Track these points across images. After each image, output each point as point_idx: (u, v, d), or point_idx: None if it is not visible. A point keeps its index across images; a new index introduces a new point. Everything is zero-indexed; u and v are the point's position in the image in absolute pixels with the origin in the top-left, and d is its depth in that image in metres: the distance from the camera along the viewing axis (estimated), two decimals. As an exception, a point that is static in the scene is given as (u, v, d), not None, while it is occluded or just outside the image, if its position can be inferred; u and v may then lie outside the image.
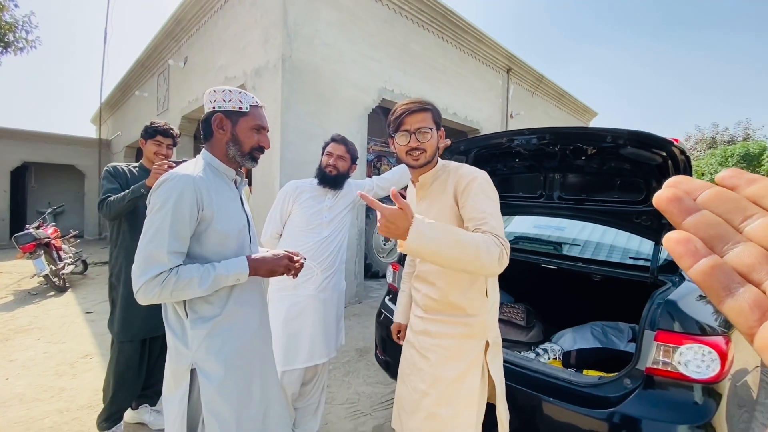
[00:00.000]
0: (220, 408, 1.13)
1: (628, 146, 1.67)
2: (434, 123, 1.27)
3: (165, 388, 1.19)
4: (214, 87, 1.21)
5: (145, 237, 1.07)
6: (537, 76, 8.35)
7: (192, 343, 1.12)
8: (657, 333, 1.35)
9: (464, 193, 1.22)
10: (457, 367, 1.27)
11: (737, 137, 19.23)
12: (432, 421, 1.28)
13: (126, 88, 9.31)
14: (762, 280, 0.21)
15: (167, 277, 1.04)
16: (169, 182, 1.09)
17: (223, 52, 4.99)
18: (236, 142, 1.21)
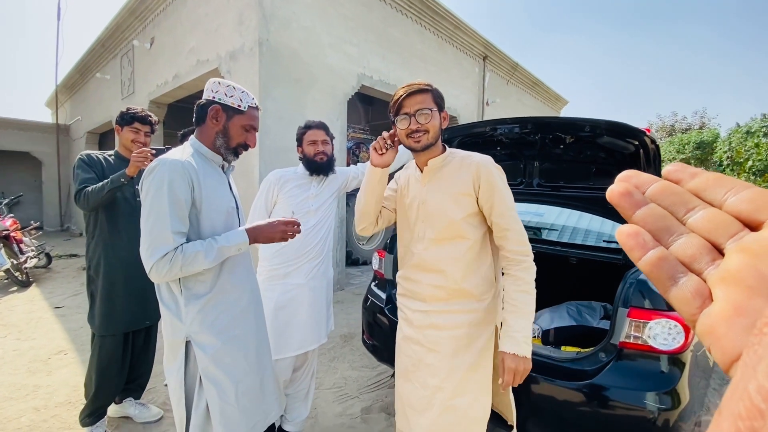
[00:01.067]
0: (217, 376, 1.22)
1: (605, 135, 1.76)
2: (435, 104, 1.24)
3: (165, 361, 1.29)
4: (219, 79, 1.28)
5: (148, 221, 1.14)
6: (512, 64, 8.48)
7: (186, 318, 1.20)
8: (630, 310, 1.47)
9: (484, 184, 1.23)
10: (470, 355, 1.27)
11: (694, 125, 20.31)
12: (449, 413, 1.26)
13: (85, 70, 8.73)
14: (703, 269, 0.22)
15: (174, 256, 1.12)
16: (160, 167, 1.14)
17: (193, 33, 4.77)
18: (225, 135, 1.27)
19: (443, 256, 1.28)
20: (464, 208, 1.25)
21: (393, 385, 2.57)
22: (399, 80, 5.59)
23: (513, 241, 1.22)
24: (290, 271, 1.82)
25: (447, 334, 1.28)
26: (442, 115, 1.27)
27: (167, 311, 1.23)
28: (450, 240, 1.27)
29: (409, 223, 1.37)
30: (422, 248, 1.32)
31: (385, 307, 2.22)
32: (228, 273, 1.28)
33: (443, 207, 1.27)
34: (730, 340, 0.19)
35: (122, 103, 7.06)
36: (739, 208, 0.21)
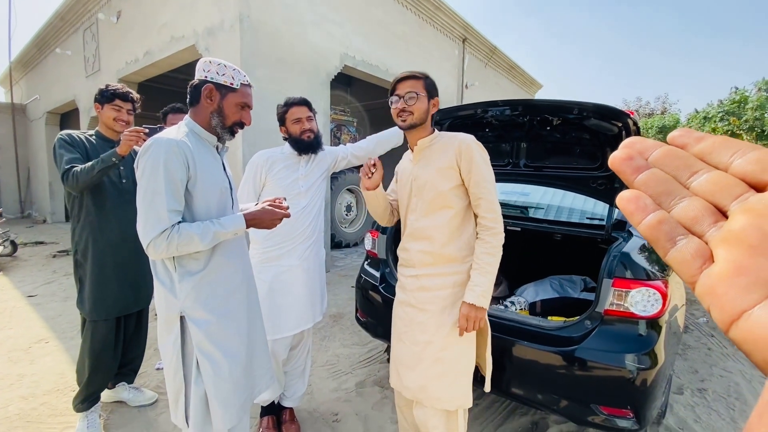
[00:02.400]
0: (211, 351, 1.25)
1: (592, 118, 1.85)
2: (425, 90, 1.41)
3: (159, 336, 1.30)
4: (211, 58, 1.27)
5: (145, 199, 1.15)
6: (490, 47, 8.53)
7: (180, 294, 1.23)
8: (614, 280, 1.59)
9: (464, 158, 1.39)
10: (455, 313, 1.42)
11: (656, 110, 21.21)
12: (438, 365, 1.42)
13: (43, 45, 8.11)
14: (704, 231, 0.21)
15: (170, 234, 1.14)
16: (155, 146, 1.15)
17: (166, 7, 4.52)
18: (221, 114, 1.28)
19: (431, 224, 1.45)
20: (449, 181, 1.41)
21: (385, 360, 2.67)
22: (381, 61, 5.53)
23: (484, 208, 1.39)
24: (283, 252, 1.82)
25: (434, 295, 1.45)
26: (432, 102, 1.44)
27: (161, 286, 1.25)
28: (438, 210, 1.44)
29: (405, 199, 1.54)
30: (414, 219, 1.50)
31: (379, 285, 2.27)
32: (221, 251, 1.31)
33: (431, 180, 1.43)
34: (730, 299, 0.19)
35: (87, 81, 6.65)
36: (746, 169, 0.21)
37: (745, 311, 0.18)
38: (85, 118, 6.91)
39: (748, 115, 10.52)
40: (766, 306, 0.18)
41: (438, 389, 1.43)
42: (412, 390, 1.48)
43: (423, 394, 1.45)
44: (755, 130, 10.42)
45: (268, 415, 1.98)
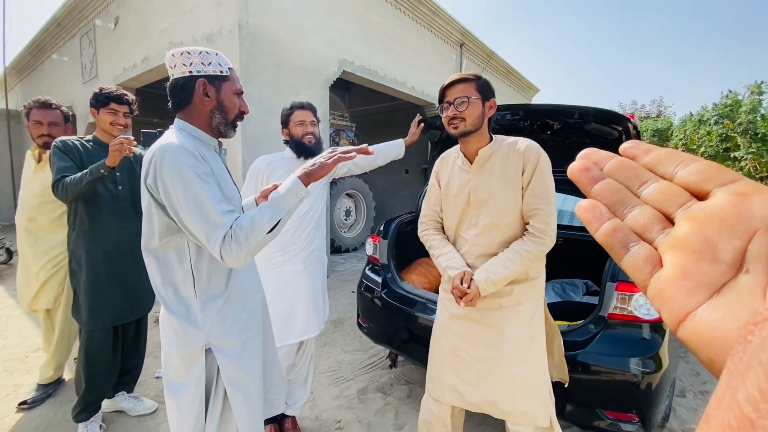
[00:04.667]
0: (242, 380, 1.15)
1: (592, 122, 1.86)
2: (478, 93, 1.30)
3: (173, 376, 1.13)
4: (187, 48, 1.09)
5: (192, 214, 1.00)
6: (488, 52, 8.59)
7: (204, 323, 1.10)
8: (617, 284, 1.59)
9: (528, 166, 1.30)
10: (528, 327, 1.36)
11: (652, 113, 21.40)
12: (508, 381, 1.34)
13: (39, 51, 8.09)
14: (654, 238, 0.23)
15: (233, 233, 1.00)
16: (169, 155, 1.01)
17: (165, 13, 4.52)
18: (222, 109, 1.13)
19: (497, 240, 1.35)
20: (515, 193, 1.31)
21: (387, 366, 2.66)
22: (380, 66, 5.55)
23: (538, 219, 1.29)
24: (287, 258, 1.81)
25: (506, 311, 1.35)
26: (488, 104, 1.32)
27: (174, 318, 1.09)
28: (505, 224, 1.34)
29: (458, 211, 1.43)
30: (476, 234, 1.38)
31: (381, 290, 2.27)
32: (245, 267, 1.18)
33: (496, 193, 1.33)
34: (677, 301, 0.20)
35: (84, 87, 6.63)
36: (688, 179, 0.23)
37: (690, 312, 0.19)
38: (82, 124, 6.88)
39: (741, 118, 10.64)
40: (708, 307, 0.19)
41: (522, 404, 1.35)
42: (481, 406, 1.39)
43: (494, 408, 1.37)
44: (749, 133, 10.53)
45: (270, 423, 1.96)
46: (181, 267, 1.09)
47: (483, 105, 1.30)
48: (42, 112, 2.18)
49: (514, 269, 1.28)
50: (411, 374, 2.59)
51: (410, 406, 2.26)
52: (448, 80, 1.33)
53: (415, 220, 2.68)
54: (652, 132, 16.16)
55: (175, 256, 1.09)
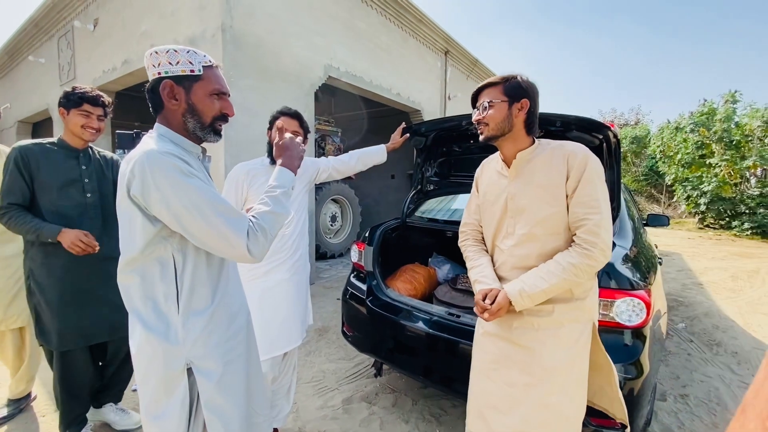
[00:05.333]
0: (222, 404, 1.07)
1: (573, 130, 1.88)
2: (505, 95, 1.23)
3: (152, 403, 1.03)
4: (156, 47, 1.00)
5: (204, 220, 0.94)
6: (472, 59, 8.71)
7: (186, 339, 1.02)
8: (599, 290, 1.60)
9: (574, 172, 1.19)
10: (566, 352, 1.22)
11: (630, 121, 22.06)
12: (542, 412, 1.22)
13: (15, 52, 7.84)
14: None
15: (258, 224, 1.00)
16: (151, 163, 0.92)
17: (146, 15, 4.44)
18: (194, 113, 1.04)
19: (537, 251, 1.24)
20: (557, 202, 1.21)
21: (373, 375, 2.62)
22: (365, 72, 5.56)
23: (585, 229, 1.17)
24: (271, 268, 1.77)
25: (543, 332, 1.23)
26: (517, 105, 1.23)
27: (154, 338, 1.00)
28: (545, 235, 1.23)
29: (495, 219, 1.34)
30: (512, 244, 1.29)
31: (366, 298, 2.24)
32: (226, 282, 1.13)
33: (535, 201, 1.23)
34: None
35: (61, 89, 6.42)
36: None
37: None
38: (58, 128, 6.68)
39: (716, 126, 11.04)
40: None
41: None
42: None
43: None
44: (723, 141, 10.93)
45: (251, 436, 1.91)
46: (163, 280, 1.01)
47: (509, 107, 1.22)
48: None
49: (555, 283, 1.15)
50: (396, 383, 2.57)
51: (395, 415, 2.23)
52: (478, 87, 1.29)
53: (401, 226, 2.68)
54: (630, 139, 16.66)
55: (158, 269, 1.01)
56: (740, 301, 4.61)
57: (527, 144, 1.28)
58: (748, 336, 3.51)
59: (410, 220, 2.69)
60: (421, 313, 2.03)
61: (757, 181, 11.04)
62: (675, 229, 11.92)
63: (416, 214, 2.80)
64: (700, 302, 4.50)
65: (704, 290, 5.06)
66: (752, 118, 10.75)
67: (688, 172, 11.98)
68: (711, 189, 10.89)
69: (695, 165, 11.83)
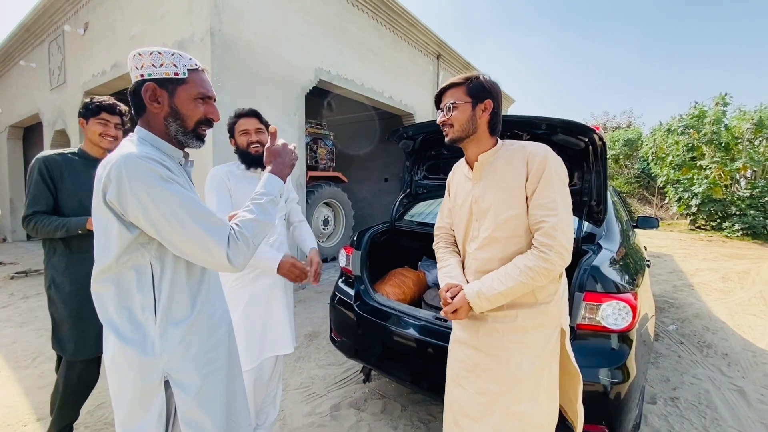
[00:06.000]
0: (200, 418, 1.03)
1: (559, 133, 1.88)
2: (468, 96, 1.21)
3: (127, 417, 0.98)
4: (140, 49, 0.98)
5: (181, 227, 0.91)
6: (464, 63, 8.75)
7: (163, 351, 0.98)
8: (585, 294, 1.59)
9: (536, 172, 1.16)
10: (535, 360, 1.20)
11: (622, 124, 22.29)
12: (513, 420, 1.20)
13: (6, 57, 7.77)
14: None
15: (239, 233, 0.97)
16: (135, 169, 0.89)
17: (135, 19, 4.42)
18: (177, 116, 1.01)
19: (499, 255, 1.23)
20: (518, 203, 1.19)
21: (362, 381, 2.59)
22: (357, 76, 5.57)
23: (542, 232, 1.15)
24: (258, 273, 1.73)
25: (508, 338, 1.21)
26: (480, 106, 1.21)
27: (130, 350, 0.96)
28: (506, 238, 1.22)
29: (463, 223, 1.34)
30: (476, 247, 1.28)
31: (354, 303, 2.22)
32: (207, 291, 1.10)
33: (497, 203, 1.22)
34: None
35: (51, 93, 6.39)
36: None
37: None
38: (48, 132, 6.62)
39: (706, 128, 11.15)
40: None
41: None
42: None
43: None
44: (713, 143, 11.05)
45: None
46: (140, 290, 0.98)
47: (473, 108, 1.21)
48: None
49: (512, 287, 1.14)
50: (385, 389, 2.54)
51: (384, 421, 2.20)
52: (441, 88, 1.27)
53: (390, 230, 2.66)
54: (623, 142, 16.81)
55: (134, 277, 0.97)
56: (730, 302, 4.63)
57: (490, 145, 1.27)
58: (738, 337, 3.52)
59: (399, 223, 2.67)
60: (409, 317, 2.01)
61: (747, 183, 11.16)
62: (667, 230, 12.00)
63: (405, 218, 2.79)
64: (691, 304, 4.52)
65: (695, 292, 5.08)
66: (741, 121, 10.88)
67: (680, 173, 12.08)
68: (702, 191, 10.99)
69: (686, 167, 11.94)
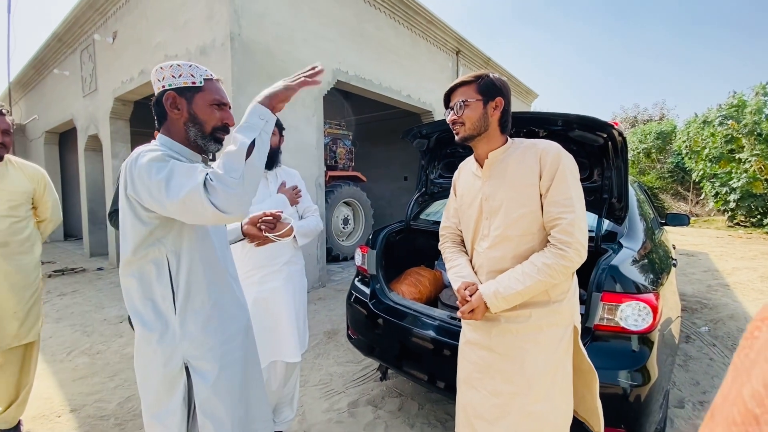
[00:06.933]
0: (215, 408, 1.08)
1: (576, 129, 1.83)
2: (479, 94, 1.20)
3: (153, 403, 1.06)
4: (161, 64, 1.09)
5: (167, 189, 0.92)
6: (484, 58, 8.61)
7: (183, 339, 1.05)
8: (603, 294, 1.55)
9: (549, 169, 1.16)
10: (550, 359, 1.19)
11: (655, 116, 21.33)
12: (529, 420, 1.19)
13: (41, 66, 8.23)
14: None
15: (213, 174, 0.92)
16: (139, 158, 0.98)
17: (160, 27, 4.59)
18: (195, 121, 1.09)
19: (511, 253, 1.22)
20: (531, 201, 1.19)
21: (378, 379, 2.62)
22: (375, 75, 5.58)
23: (559, 229, 1.14)
24: (265, 274, 1.76)
25: (521, 338, 1.20)
26: (492, 104, 1.21)
27: (154, 337, 1.04)
28: (518, 236, 1.21)
29: (471, 222, 1.33)
30: (487, 246, 1.27)
31: (369, 302, 2.24)
32: (223, 284, 1.16)
33: (509, 201, 1.21)
34: None
35: (84, 100, 6.72)
36: None
37: None
38: (82, 137, 6.97)
39: (746, 119, 10.54)
40: None
41: None
42: None
43: None
44: (754, 134, 10.43)
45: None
46: (159, 282, 1.06)
47: (484, 106, 1.20)
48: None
49: (530, 285, 1.13)
50: (403, 387, 2.55)
51: (401, 419, 2.22)
52: (451, 86, 1.26)
53: (405, 229, 2.66)
54: (655, 135, 16.09)
55: (154, 271, 1.05)
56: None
57: (501, 143, 1.26)
58: (777, 340, 3.33)
59: (415, 222, 2.67)
60: (424, 317, 2.01)
61: (790, 176, 10.49)
62: (703, 227, 11.45)
63: (421, 217, 2.78)
64: (726, 304, 4.31)
65: (731, 291, 4.84)
66: (784, 110, 10.22)
67: (717, 167, 11.48)
68: (741, 185, 10.41)
69: (724, 160, 11.33)
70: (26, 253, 1.95)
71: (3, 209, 1.84)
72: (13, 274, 1.88)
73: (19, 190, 1.87)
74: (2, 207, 1.83)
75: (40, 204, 2.00)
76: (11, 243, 1.87)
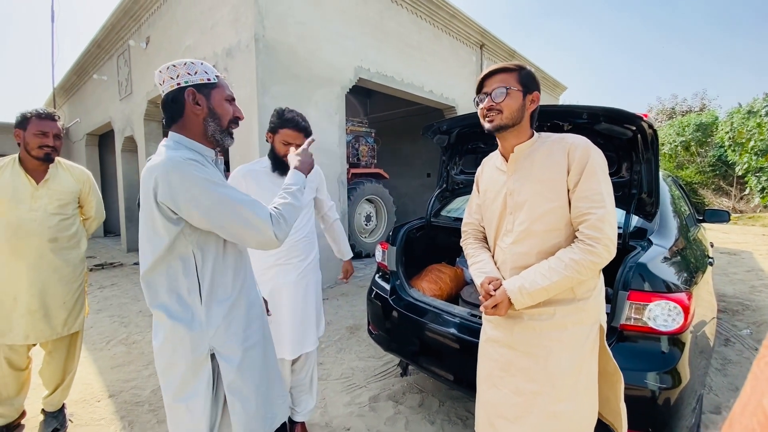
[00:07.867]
0: (242, 387, 1.16)
1: (602, 122, 1.77)
2: (520, 84, 1.16)
3: (179, 385, 1.11)
4: (172, 62, 1.10)
5: (230, 212, 1.05)
6: (509, 51, 8.41)
7: (209, 327, 1.11)
8: (630, 293, 1.49)
9: (578, 164, 1.13)
10: (574, 358, 1.16)
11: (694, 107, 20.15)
12: (552, 420, 1.17)
13: (82, 71, 8.72)
14: None
15: (278, 211, 1.13)
16: (180, 170, 1.02)
17: (189, 31, 4.76)
18: (215, 116, 1.13)
19: (537, 249, 1.20)
20: (558, 196, 1.16)
21: (399, 374, 2.63)
22: (397, 72, 5.57)
23: (587, 224, 1.11)
24: (279, 269, 1.79)
25: (545, 336, 1.18)
26: (529, 98, 1.18)
27: (181, 327, 1.09)
28: (544, 231, 1.18)
29: (495, 217, 1.30)
30: (511, 242, 1.24)
31: (389, 298, 2.25)
32: (243, 274, 1.22)
33: (534, 196, 1.18)
34: None
35: (120, 103, 7.07)
36: None
37: None
38: (119, 139, 7.34)
39: (795, 108, 9.81)
40: None
41: None
42: None
43: None
44: (804, 125, 9.69)
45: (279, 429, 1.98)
46: (186, 275, 1.10)
47: (523, 98, 1.16)
48: (46, 123, 1.92)
49: (557, 281, 1.10)
50: (424, 383, 2.55)
51: (421, 415, 2.22)
52: (487, 70, 1.20)
53: (425, 226, 2.66)
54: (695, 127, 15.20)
55: (180, 265, 1.10)
56: (821, 305, 4.08)
57: (528, 137, 1.23)
58: (828, 345, 3.10)
59: (436, 219, 2.66)
60: (444, 313, 2.00)
61: None
62: (747, 224, 10.77)
63: (443, 214, 2.77)
64: (771, 306, 4.04)
65: (776, 293, 4.53)
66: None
67: (763, 160, 10.75)
68: (789, 179, 9.70)
69: (770, 153, 10.59)
70: (73, 248, 2.08)
71: (53, 207, 1.96)
72: (62, 268, 2.00)
73: (67, 190, 2.01)
74: (52, 205, 1.96)
75: (85, 203, 2.15)
76: (60, 239, 2.00)
